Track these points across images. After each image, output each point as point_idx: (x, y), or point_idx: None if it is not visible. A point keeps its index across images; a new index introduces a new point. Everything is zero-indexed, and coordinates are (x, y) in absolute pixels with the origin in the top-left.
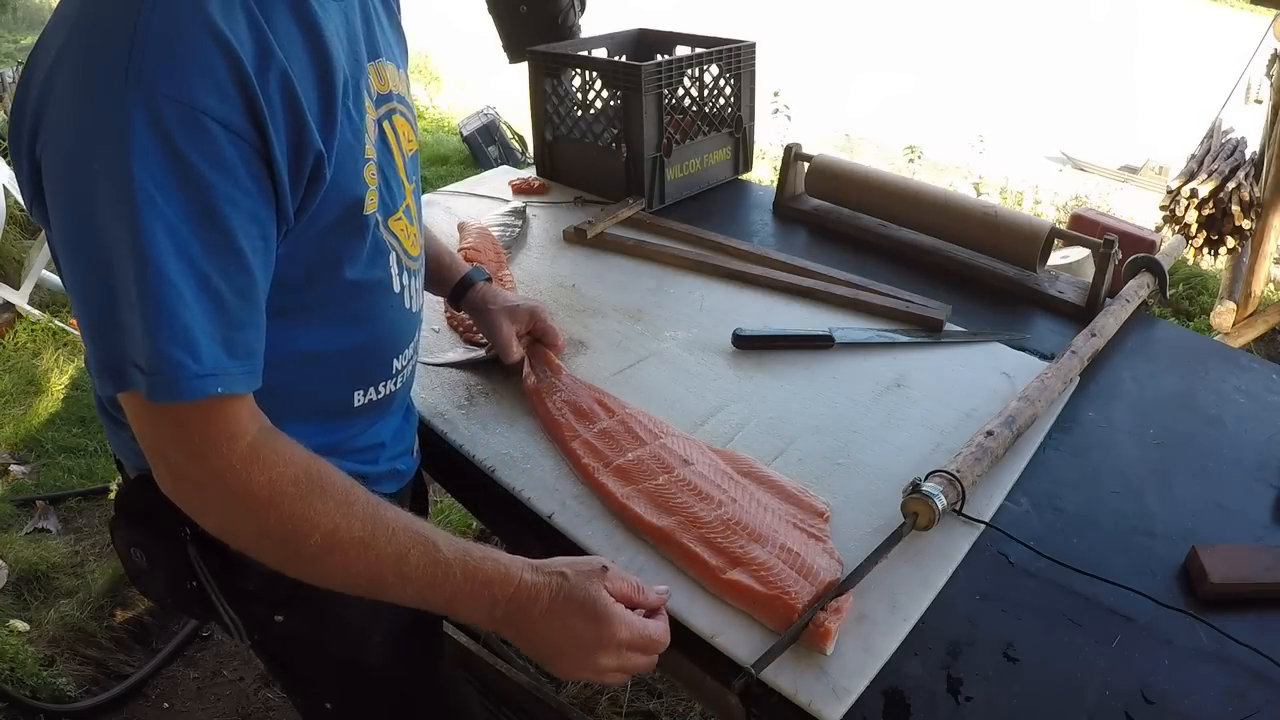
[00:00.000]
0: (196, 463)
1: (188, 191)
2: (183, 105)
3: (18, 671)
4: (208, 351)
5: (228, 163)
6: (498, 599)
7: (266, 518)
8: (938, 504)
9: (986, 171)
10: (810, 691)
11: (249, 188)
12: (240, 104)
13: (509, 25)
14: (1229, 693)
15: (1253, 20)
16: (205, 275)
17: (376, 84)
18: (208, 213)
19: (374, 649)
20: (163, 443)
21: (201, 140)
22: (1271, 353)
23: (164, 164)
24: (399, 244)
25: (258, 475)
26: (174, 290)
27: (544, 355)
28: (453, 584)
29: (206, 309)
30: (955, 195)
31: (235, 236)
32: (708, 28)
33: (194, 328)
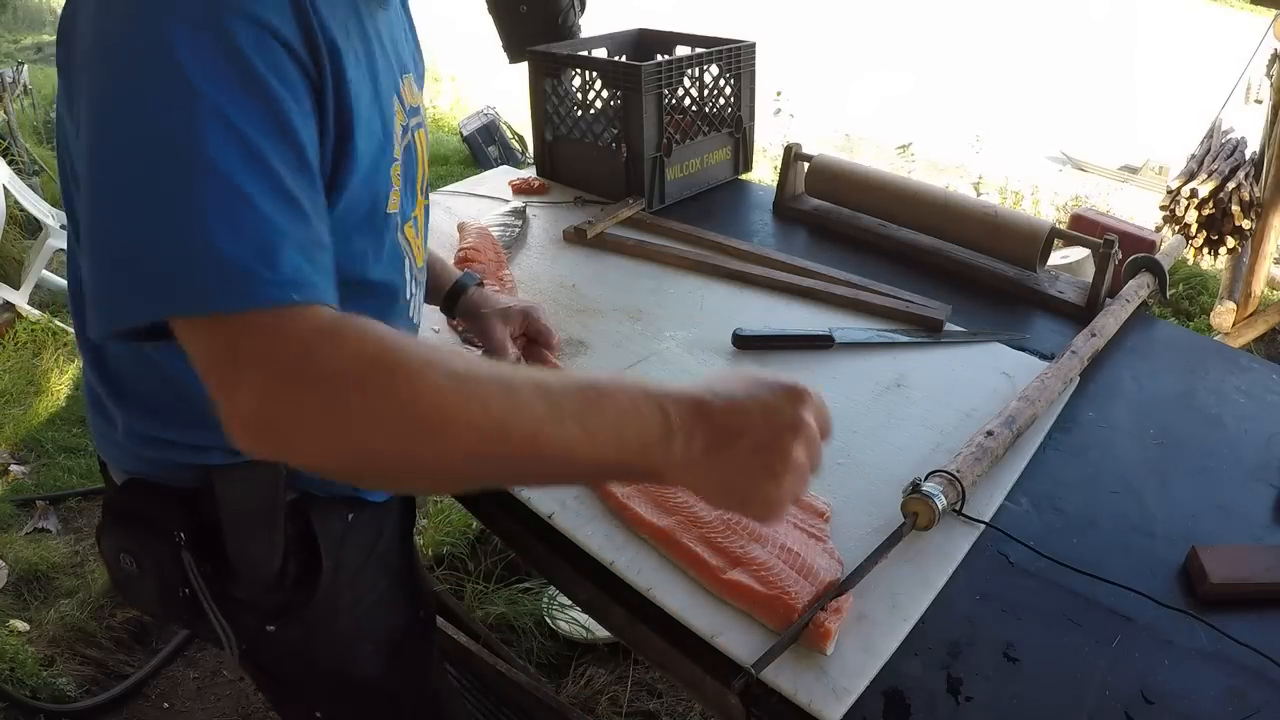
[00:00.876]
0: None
1: (255, 97)
2: (249, 19)
3: (18, 671)
4: (287, 260)
5: (291, 79)
6: (668, 399)
7: (380, 378)
8: (938, 504)
9: (986, 171)
10: (810, 691)
11: (309, 109)
12: (298, 29)
13: (509, 25)
14: (1229, 693)
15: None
16: (279, 179)
17: (409, 96)
18: (276, 118)
19: (365, 659)
20: (235, 356)
21: (268, 53)
22: (1271, 353)
23: (228, 69)
24: (410, 252)
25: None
26: (240, 194)
27: (541, 357)
28: (610, 402)
29: (282, 213)
30: (955, 195)
31: (305, 149)
32: (708, 28)
33: (266, 232)
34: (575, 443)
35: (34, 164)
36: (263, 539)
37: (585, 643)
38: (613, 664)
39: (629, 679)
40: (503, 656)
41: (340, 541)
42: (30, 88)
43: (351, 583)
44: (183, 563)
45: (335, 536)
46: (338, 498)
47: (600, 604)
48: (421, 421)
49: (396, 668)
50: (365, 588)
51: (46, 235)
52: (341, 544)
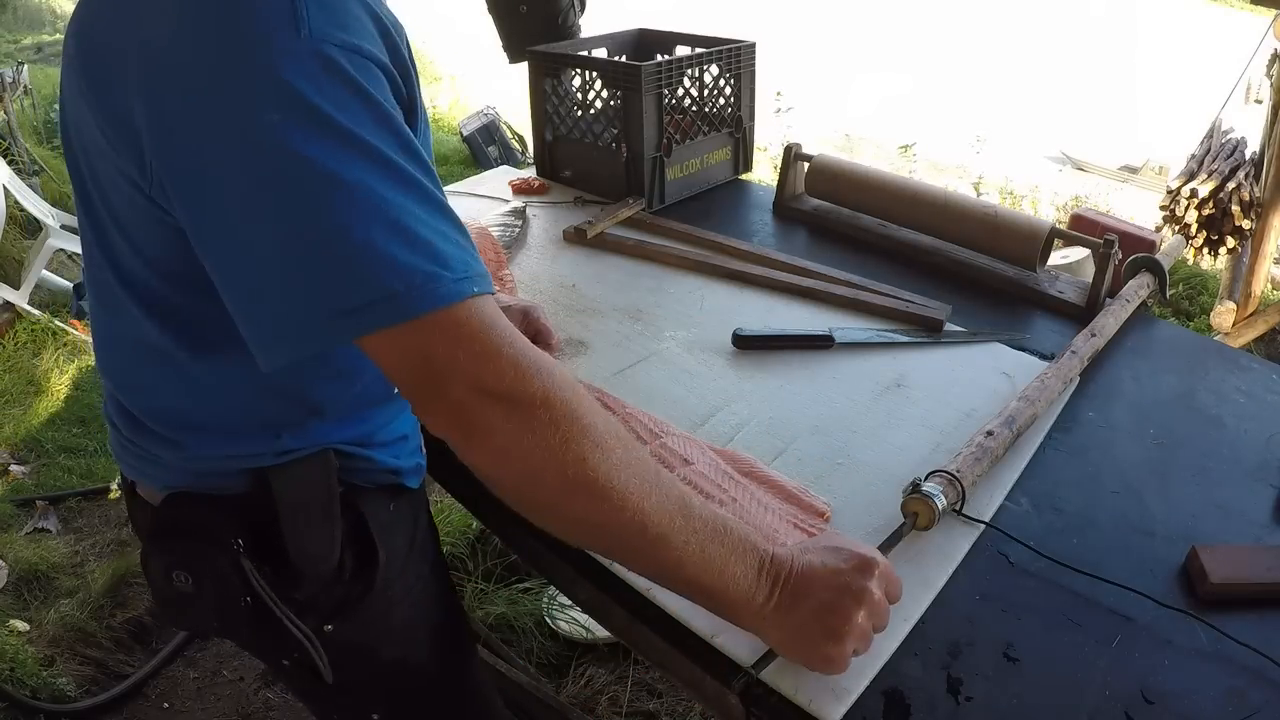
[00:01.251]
0: (490, 366)
1: (381, 123)
2: (354, 51)
3: (18, 671)
4: (454, 258)
5: (394, 103)
6: (765, 553)
7: (571, 429)
8: (938, 504)
9: (986, 171)
10: (810, 691)
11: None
12: (388, 55)
13: (509, 25)
14: (1229, 693)
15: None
16: (424, 188)
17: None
18: (401, 139)
19: (421, 649)
20: (443, 355)
21: (376, 80)
22: (1271, 353)
23: (354, 101)
24: None
25: (559, 382)
26: (401, 208)
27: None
28: (731, 540)
29: (438, 218)
30: (955, 195)
31: (426, 161)
32: (708, 28)
33: (434, 239)
34: (690, 560)
35: (34, 164)
36: (321, 533)
37: (585, 643)
38: (613, 664)
39: (629, 679)
40: (503, 656)
41: (386, 530)
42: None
43: (401, 572)
44: (244, 570)
45: (383, 525)
46: (380, 486)
47: (600, 604)
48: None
49: (447, 656)
50: (413, 577)
51: (46, 235)
52: (388, 533)
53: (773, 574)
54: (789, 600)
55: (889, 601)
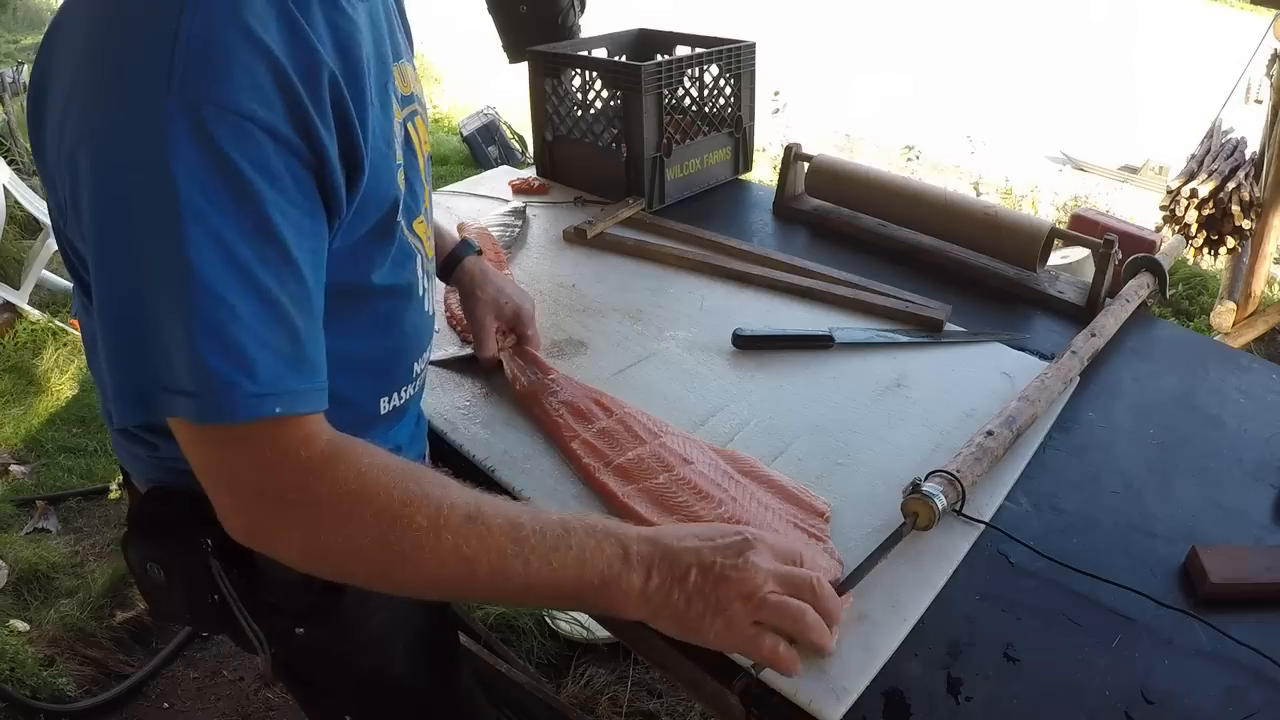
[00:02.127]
0: (274, 476)
1: (240, 202)
2: (228, 112)
3: (18, 671)
4: (266, 369)
5: (275, 171)
6: (630, 538)
7: (364, 514)
8: (938, 504)
9: (986, 172)
10: (810, 691)
11: (296, 198)
12: (284, 110)
13: (509, 25)
14: (1229, 693)
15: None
16: (264, 288)
17: (401, 85)
18: (260, 223)
19: (397, 659)
20: (228, 468)
21: (249, 148)
22: (1271, 353)
23: (212, 173)
24: (422, 246)
25: (345, 471)
26: (225, 306)
27: (529, 355)
28: (576, 539)
29: (266, 324)
30: (955, 195)
31: (289, 248)
32: (708, 28)
33: (248, 344)
34: (538, 578)
35: (34, 164)
36: None
37: (585, 643)
38: (613, 664)
39: (629, 679)
40: (503, 656)
41: None
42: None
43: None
44: (211, 570)
45: None
46: None
47: None
48: (396, 558)
49: (427, 666)
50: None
51: (46, 235)
52: None
53: (644, 557)
54: (669, 581)
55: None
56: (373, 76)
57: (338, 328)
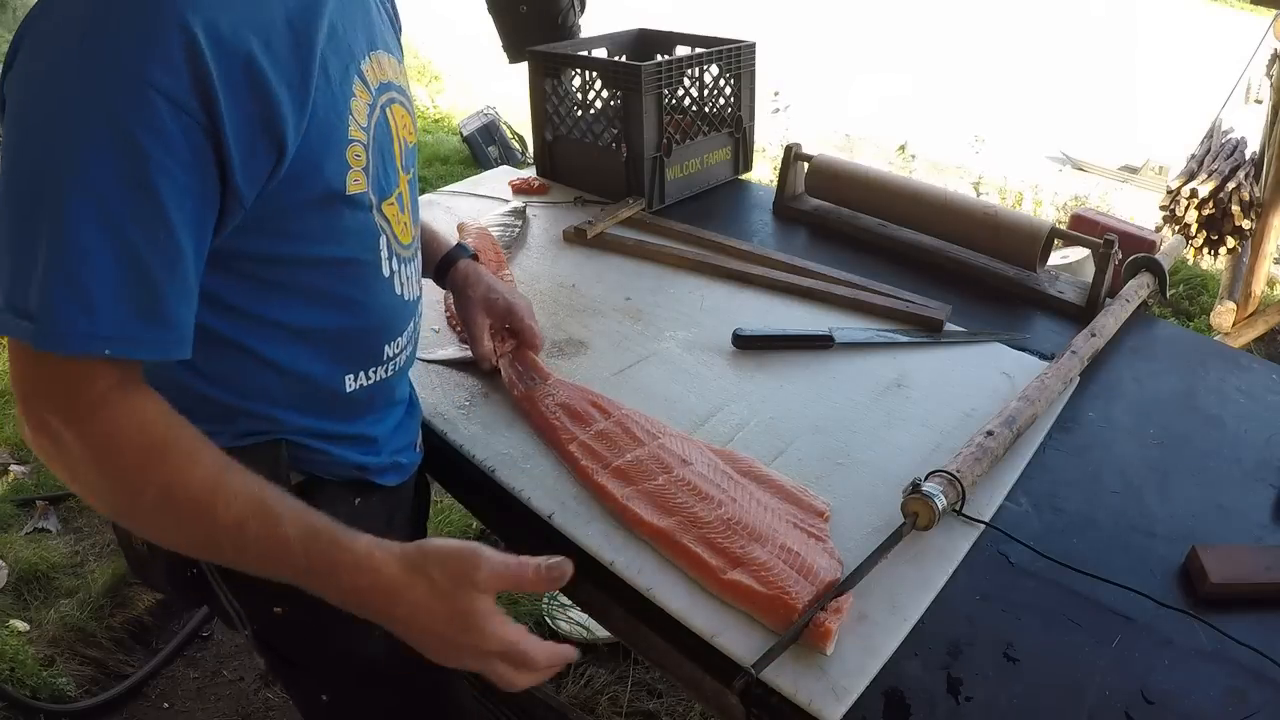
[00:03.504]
0: (55, 411)
1: (123, 160)
2: (130, 76)
3: (18, 671)
4: (108, 314)
5: (168, 135)
6: (346, 589)
7: (104, 467)
8: (938, 504)
9: (986, 171)
10: (810, 691)
11: (188, 161)
12: (188, 80)
13: (509, 25)
14: (1229, 693)
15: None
16: (128, 242)
17: (377, 72)
18: (140, 182)
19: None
20: (33, 387)
21: (144, 112)
22: (1271, 353)
23: (103, 132)
24: (390, 229)
25: (102, 425)
26: (83, 253)
27: (528, 360)
28: (294, 565)
29: (121, 274)
30: (955, 195)
31: (166, 208)
32: (708, 28)
33: (96, 289)
34: (259, 574)
35: None
36: None
37: (585, 643)
38: (613, 664)
39: (629, 679)
40: None
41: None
42: None
43: None
44: None
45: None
46: (345, 481)
47: (600, 604)
48: (128, 511)
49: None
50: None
51: None
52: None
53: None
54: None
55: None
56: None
57: (292, 297)
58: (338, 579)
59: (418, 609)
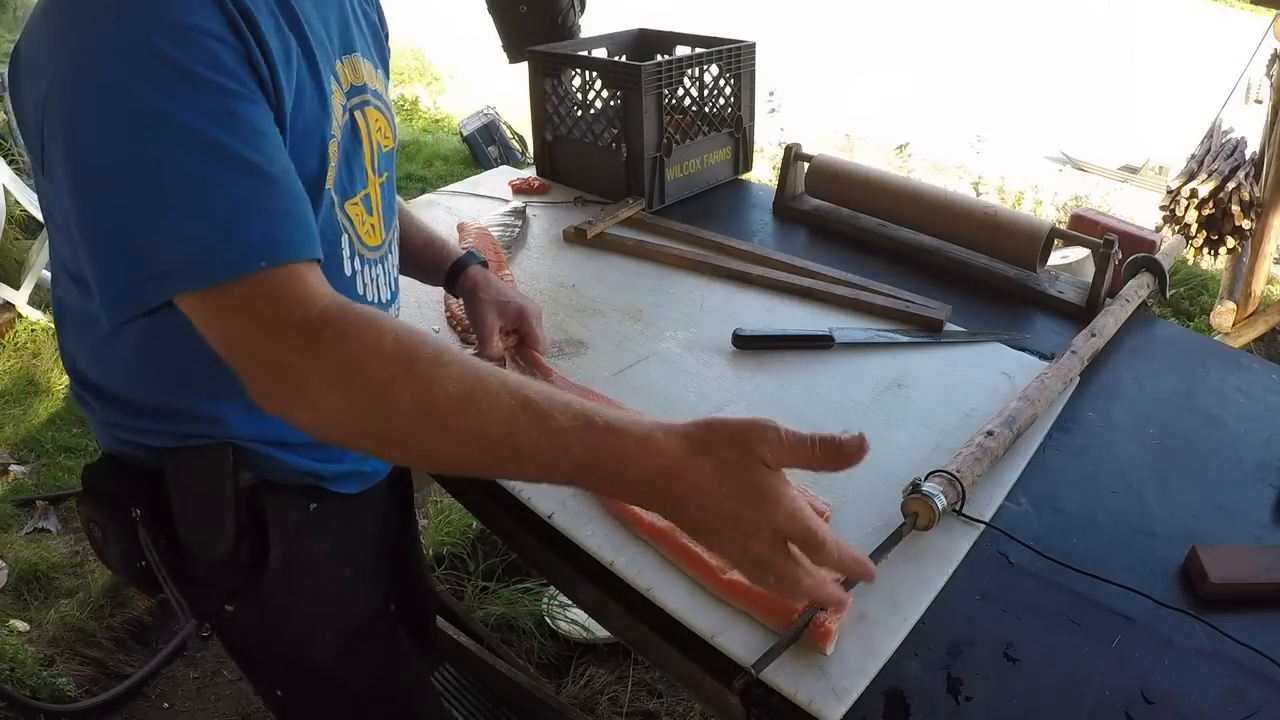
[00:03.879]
0: (271, 340)
1: (200, 93)
2: (176, 26)
3: (18, 671)
4: (246, 226)
5: (229, 67)
6: (632, 479)
7: (351, 383)
8: (938, 504)
9: (986, 171)
10: (810, 691)
11: (254, 88)
12: (223, 19)
13: (509, 25)
14: (1229, 693)
15: (1253, 20)
16: (237, 155)
17: (350, 75)
18: (224, 105)
19: (322, 647)
20: (233, 337)
21: (201, 52)
22: (1271, 353)
23: (168, 78)
24: (353, 228)
25: (334, 341)
26: (195, 181)
27: (531, 357)
28: (571, 459)
29: (243, 186)
30: (955, 195)
31: (255, 122)
32: (708, 28)
33: (225, 211)
34: (535, 479)
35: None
36: (212, 522)
37: (585, 643)
38: (613, 664)
39: (629, 679)
40: (503, 656)
41: (297, 531)
42: None
43: (311, 571)
44: (139, 537)
45: (291, 526)
46: (298, 487)
47: (600, 604)
48: (388, 436)
49: (356, 658)
50: (326, 578)
51: (47, 235)
52: (298, 533)
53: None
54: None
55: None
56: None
57: None
58: (620, 470)
59: (702, 488)
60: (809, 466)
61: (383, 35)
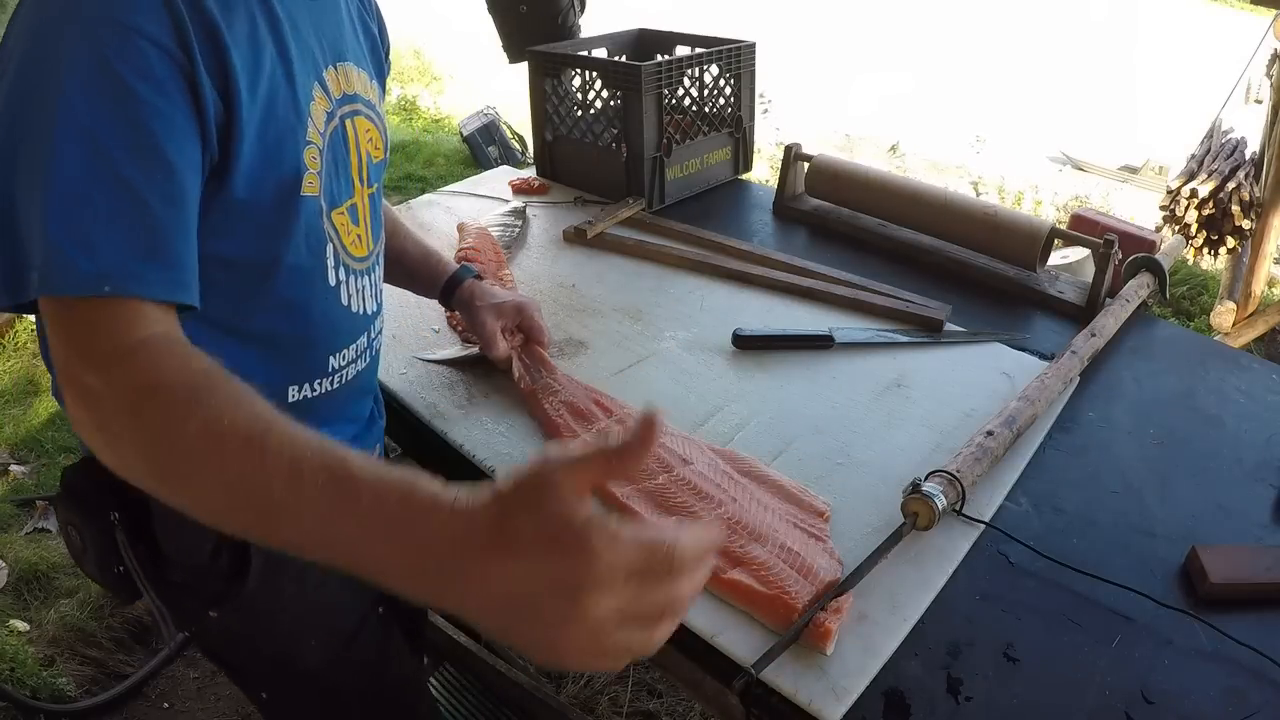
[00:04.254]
0: (81, 357)
1: (116, 102)
2: (116, 23)
3: (18, 671)
4: (108, 250)
5: (157, 77)
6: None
7: (141, 409)
8: (938, 504)
9: (985, 171)
10: (810, 691)
11: (179, 102)
12: (169, 25)
13: (509, 25)
14: (1229, 693)
15: (1253, 20)
16: (124, 179)
17: (340, 83)
18: (134, 122)
19: (309, 651)
20: (57, 341)
21: (133, 55)
22: (1271, 353)
23: (93, 77)
24: (338, 238)
25: (139, 366)
26: (80, 193)
27: (536, 354)
28: (360, 511)
29: (120, 209)
30: (955, 195)
31: (163, 147)
32: (708, 28)
33: (94, 227)
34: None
35: None
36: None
37: None
38: None
39: (629, 679)
40: (503, 656)
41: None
42: None
43: (296, 577)
44: (117, 542)
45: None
46: None
47: None
48: (165, 459)
49: (344, 662)
50: (312, 583)
51: None
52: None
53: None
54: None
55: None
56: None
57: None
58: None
59: (498, 542)
60: (613, 474)
61: (381, 50)
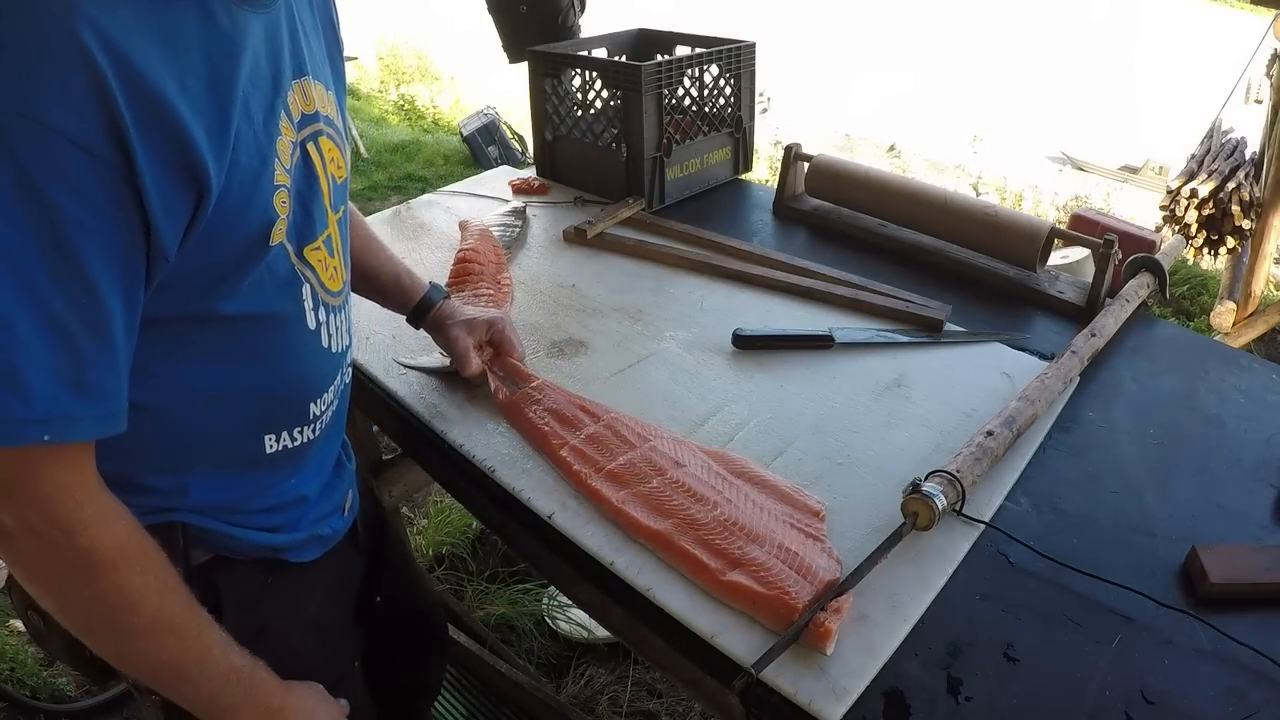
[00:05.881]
0: (32, 515)
1: (34, 218)
2: (35, 124)
3: (18, 671)
4: (42, 393)
5: (82, 186)
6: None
7: (100, 583)
8: (938, 504)
9: (985, 171)
10: (810, 691)
11: (109, 213)
12: (100, 123)
13: (509, 25)
14: (1229, 693)
15: (1253, 20)
16: (49, 309)
17: (301, 103)
18: (55, 241)
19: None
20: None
21: (52, 161)
22: (1271, 353)
23: (10, 189)
24: (315, 276)
25: (102, 535)
26: (7, 328)
27: (509, 366)
28: (237, 691)
29: (47, 345)
30: (955, 195)
31: (87, 267)
32: (707, 28)
33: (25, 367)
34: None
35: None
36: None
37: (585, 643)
38: (613, 664)
39: (629, 679)
40: (503, 657)
41: (255, 606)
42: None
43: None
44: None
45: (248, 600)
46: (254, 560)
47: (600, 604)
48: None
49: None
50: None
51: None
52: (256, 608)
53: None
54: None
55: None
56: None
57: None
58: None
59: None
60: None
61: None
